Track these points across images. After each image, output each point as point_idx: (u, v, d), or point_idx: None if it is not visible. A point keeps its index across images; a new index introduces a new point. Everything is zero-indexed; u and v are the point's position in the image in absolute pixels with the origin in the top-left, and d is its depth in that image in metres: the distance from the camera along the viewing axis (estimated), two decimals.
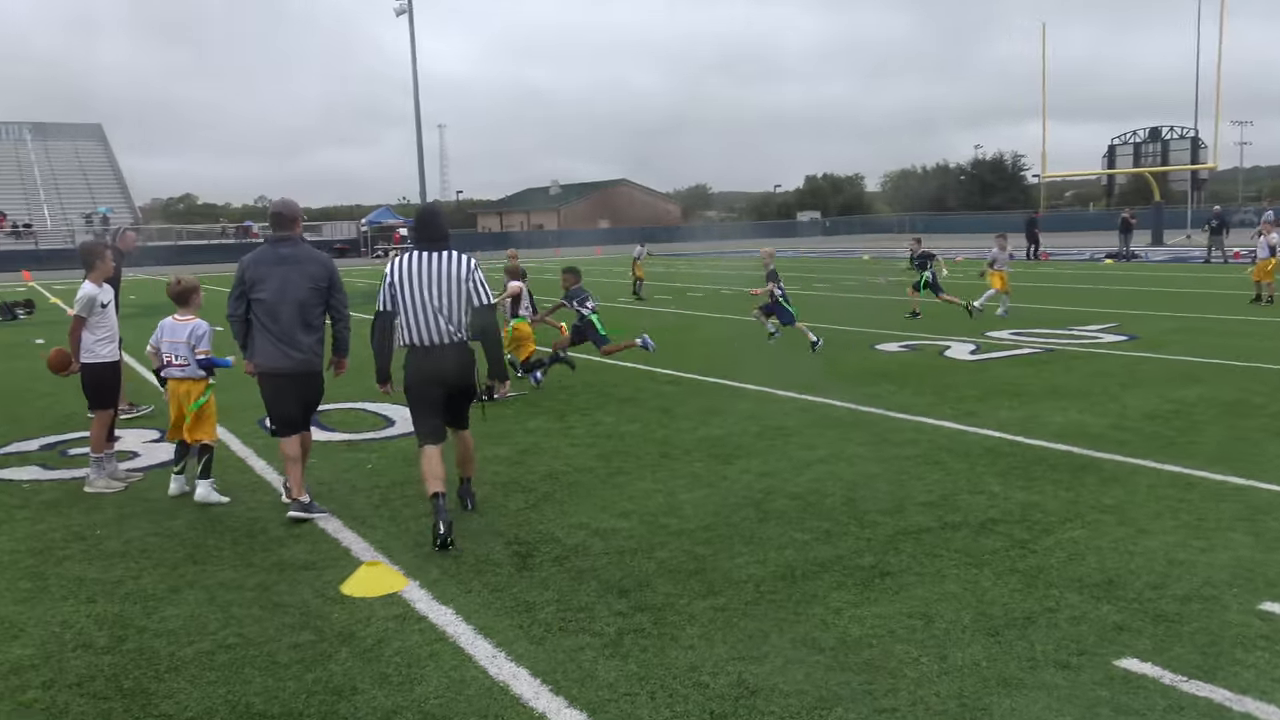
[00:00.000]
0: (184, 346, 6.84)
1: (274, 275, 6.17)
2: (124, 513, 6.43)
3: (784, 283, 14.52)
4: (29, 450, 8.35)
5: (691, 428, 8.46)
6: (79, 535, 5.96)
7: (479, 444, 7.92)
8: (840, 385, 10.29)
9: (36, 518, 6.36)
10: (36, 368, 12.90)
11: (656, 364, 12.10)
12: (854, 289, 24.43)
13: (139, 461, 7.84)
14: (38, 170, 67.08)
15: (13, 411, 10.07)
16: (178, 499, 6.71)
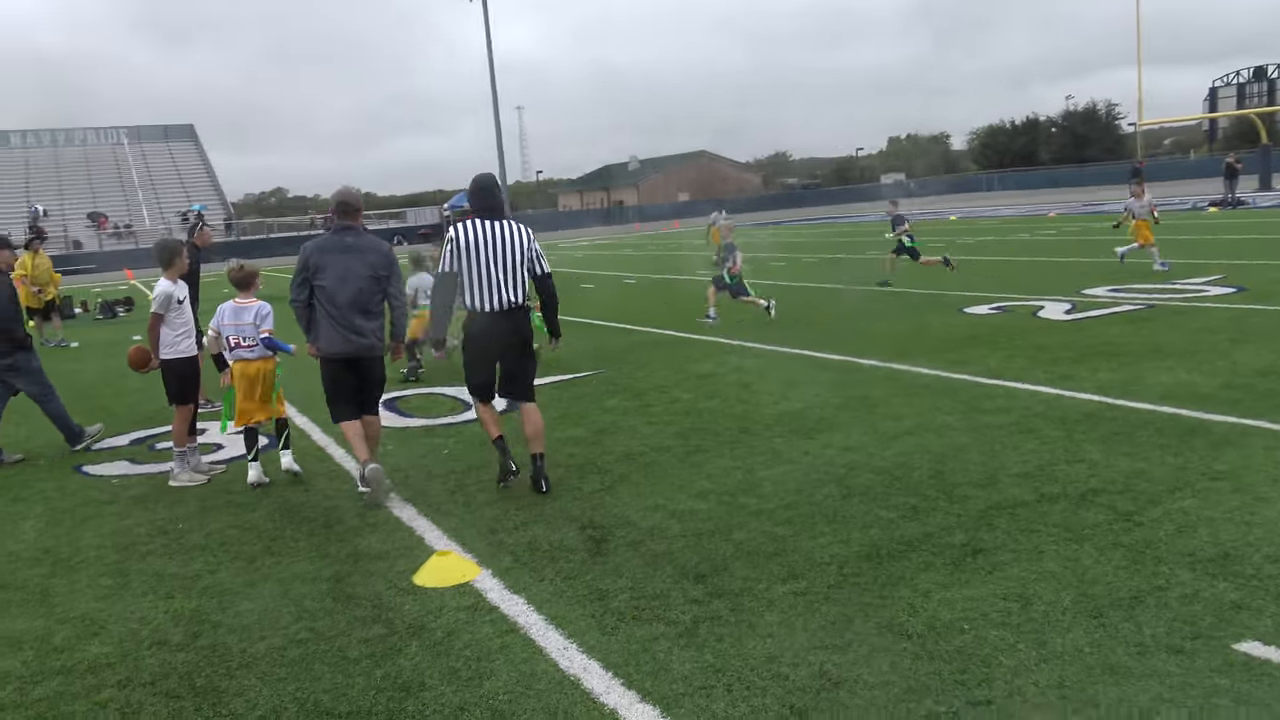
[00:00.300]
0: (250, 328, 6.95)
1: (337, 263, 6.35)
2: (206, 505, 6.49)
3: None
4: (119, 445, 8.54)
5: (772, 402, 8.21)
6: (162, 530, 6.03)
7: (557, 425, 7.85)
8: (927, 351, 9.91)
9: (124, 513, 6.46)
10: (111, 366, 13.26)
11: (737, 337, 11.84)
12: (939, 250, 23.66)
13: (222, 454, 7.94)
14: (135, 172, 69.48)
15: (107, 406, 10.33)
16: (257, 489, 6.75)
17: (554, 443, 7.35)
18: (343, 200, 6.50)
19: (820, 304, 14.76)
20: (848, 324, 12.33)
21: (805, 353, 10.42)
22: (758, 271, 21.42)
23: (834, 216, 56.04)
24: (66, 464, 7.98)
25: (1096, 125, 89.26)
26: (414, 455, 7.38)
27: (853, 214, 57.96)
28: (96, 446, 8.52)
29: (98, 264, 52.66)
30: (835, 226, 43.33)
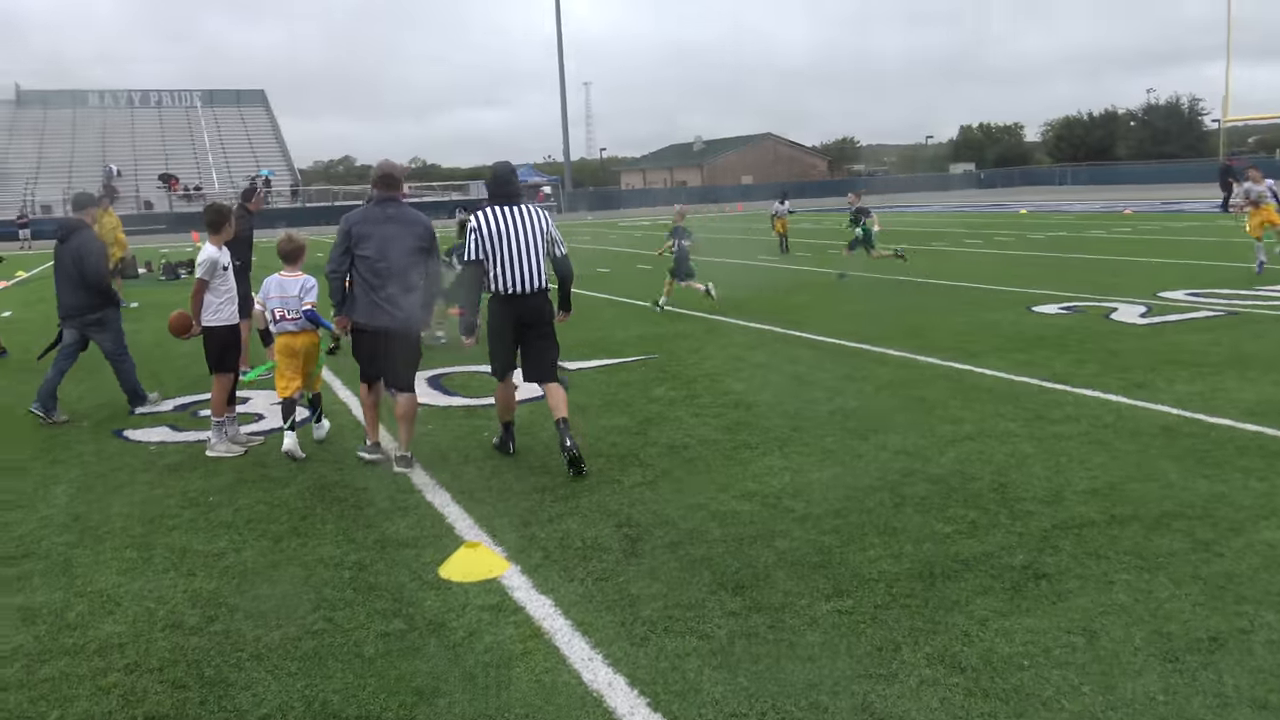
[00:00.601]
0: (295, 301, 6.94)
1: (378, 234, 6.30)
2: (240, 478, 6.36)
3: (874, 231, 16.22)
4: (162, 411, 8.49)
5: (826, 397, 7.88)
6: (193, 501, 5.91)
7: (601, 413, 7.61)
8: (991, 351, 9.48)
9: (156, 482, 6.36)
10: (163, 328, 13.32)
11: (794, 327, 11.49)
12: (1008, 245, 22.98)
13: (263, 424, 7.83)
14: (206, 136, 70.61)
15: (154, 370, 10.32)
16: (292, 463, 6.61)
17: (597, 431, 7.12)
18: (385, 173, 6.47)
19: (882, 297, 14.31)
20: (909, 318, 11.90)
21: (864, 347, 10.04)
22: (819, 259, 20.96)
23: (900, 205, 54.98)
24: (107, 427, 7.94)
25: (1178, 120, 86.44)
26: (453, 436, 7.19)
27: (919, 203, 56.83)
28: (140, 410, 8.48)
29: (167, 225, 53.65)
30: (901, 216, 42.45)
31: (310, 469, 6.51)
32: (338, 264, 6.34)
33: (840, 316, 12.24)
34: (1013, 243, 23.82)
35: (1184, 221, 29.58)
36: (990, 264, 18.53)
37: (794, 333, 11.13)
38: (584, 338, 11.35)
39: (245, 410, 8.28)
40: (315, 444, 7.14)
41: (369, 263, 6.26)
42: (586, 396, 8.25)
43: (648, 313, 13.44)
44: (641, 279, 18.56)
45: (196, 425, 7.85)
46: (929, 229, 31.25)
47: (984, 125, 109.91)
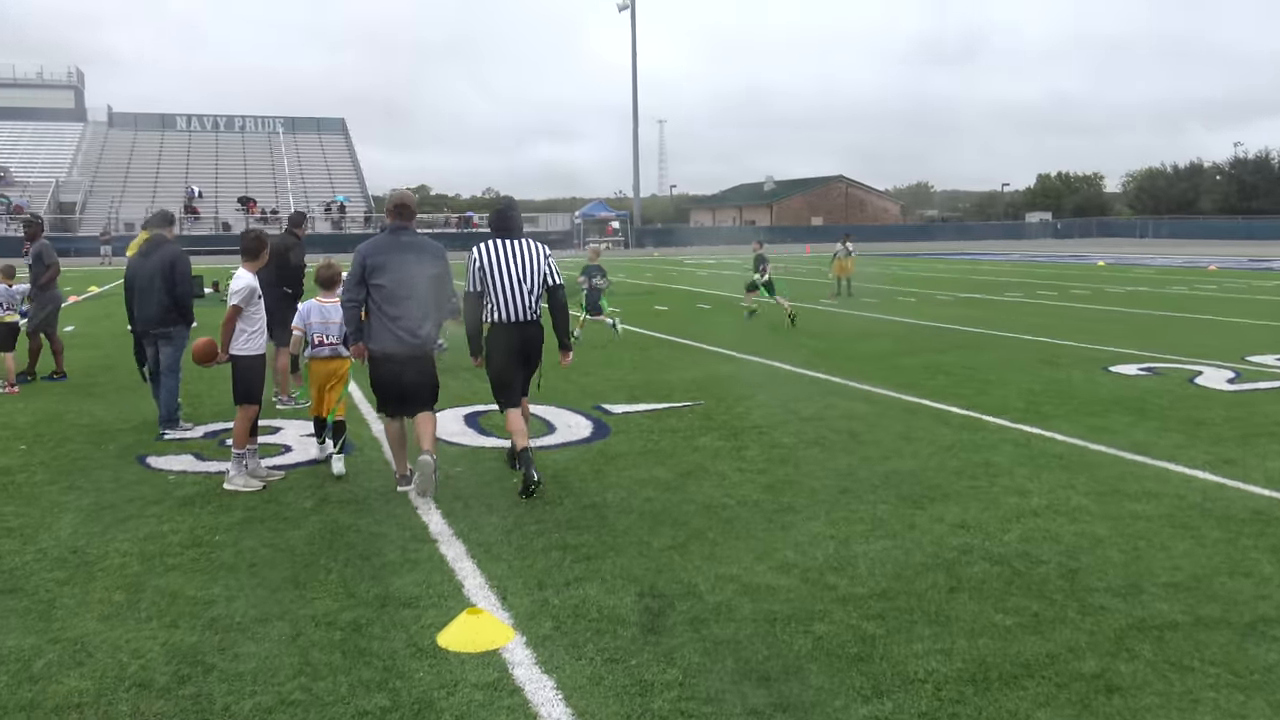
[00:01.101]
0: (336, 327, 7.03)
1: (394, 263, 6.31)
2: (251, 516, 6.04)
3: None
4: (190, 437, 8.26)
5: (881, 457, 7.34)
6: (197, 540, 5.59)
7: (639, 462, 7.17)
8: (1064, 414, 8.84)
9: (165, 515, 6.07)
10: None
11: (851, 377, 10.95)
12: (1085, 298, 22.09)
13: (289, 457, 7.54)
14: (286, 161, 72.25)
15: (196, 392, 10.15)
16: (306, 504, 6.27)
17: (632, 484, 6.67)
18: (399, 202, 6.53)
19: (948, 348, 13.67)
20: (976, 373, 11.28)
21: (925, 403, 9.46)
22: (884, 306, 20.34)
23: (974, 253, 53.88)
24: (133, 452, 7.72)
25: (1268, 175, 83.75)
26: (479, 482, 6.81)
27: (993, 251, 55.64)
28: (169, 435, 8.26)
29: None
30: (974, 263, 41.49)
31: (325, 510, 6.16)
32: (353, 293, 6.34)
33: (900, 369, 11.65)
34: (1089, 296, 22.92)
35: (1273, 280, 28.30)
36: (1065, 317, 17.75)
37: (851, 383, 10.58)
38: (633, 379, 10.94)
39: (274, 441, 8.01)
40: (336, 478, 6.84)
41: (385, 292, 6.26)
42: (627, 444, 7.82)
43: (704, 355, 12.99)
44: (700, 318, 18.13)
45: (222, 455, 7.59)
46: (1002, 278, 30.35)
47: (1062, 174, 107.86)
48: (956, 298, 22.63)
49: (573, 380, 10.85)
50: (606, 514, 6.00)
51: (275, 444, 7.93)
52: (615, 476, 6.86)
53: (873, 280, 29.29)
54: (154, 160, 70.08)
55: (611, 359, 12.58)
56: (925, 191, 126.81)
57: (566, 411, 9.11)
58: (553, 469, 7.06)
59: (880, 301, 21.74)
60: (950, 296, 23.01)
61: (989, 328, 16.06)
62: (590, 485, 6.65)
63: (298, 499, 6.41)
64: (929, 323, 16.99)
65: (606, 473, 6.97)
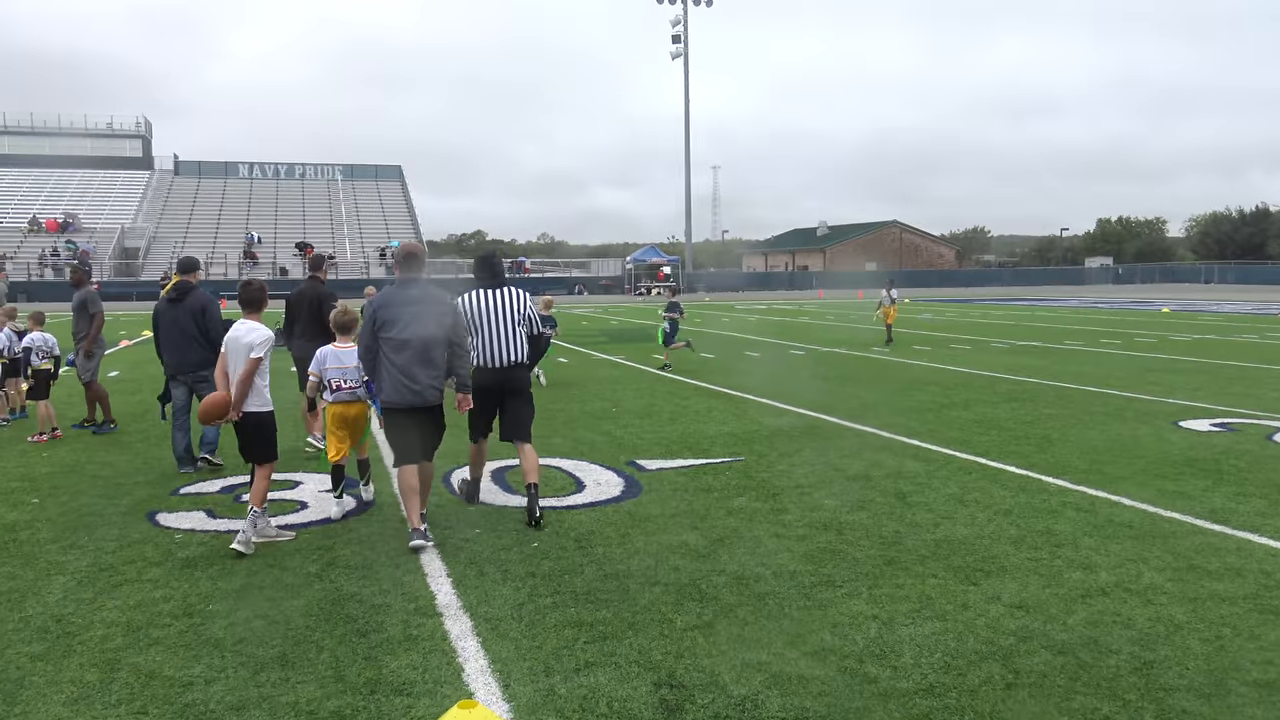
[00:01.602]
0: (354, 371, 7.06)
1: (404, 315, 6.34)
2: (251, 583, 5.66)
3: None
4: (207, 492, 7.95)
5: (931, 523, 6.79)
6: (188, 610, 5.22)
7: (670, 526, 6.68)
8: (1131, 475, 8.19)
9: (162, 580, 5.72)
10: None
11: (900, 432, 10.38)
12: (1150, 346, 21.20)
13: (303, 515, 7.18)
14: (344, 207, 73.42)
15: (221, 442, 9.89)
16: (310, 570, 5.88)
17: (660, 550, 6.20)
18: (408, 253, 6.58)
19: (1003, 400, 13.02)
20: (1034, 428, 10.64)
21: (980, 460, 8.87)
22: (936, 354, 19.67)
23: (1032, 299, 52.72)
24: (145, 508, 7.41)
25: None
26: (498, 545, 6.37)
27: (1052, 297, 54.40)
28: (183, 490, 7.97)
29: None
30: (1032, 309, 40.48)
31: (330, 576, 5.77)
32: (368, 346, 6.42)
33: (952, 422, 11.04)
34: (1155, 344, 22.01)
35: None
36: (1130, 367, 16.95)
37: (900, 439, 10.01)
38: (670, 432, 10.48)
39: (291, 496, 7.68)
40: (353, 520, 6.46)
41: (394, 344, 6.31)
42: (659, 505, 7.35)
43: (747, 405, 12.49)
44: (746, 368, 17.63)
45: (235, 512, 7.26)
46: (1060, 324, 29.42)
47: (1123, 219, 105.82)
48: (1013, 345, 21.87)
49: (607, 432, 10.43)
50: (629, 585, 5.53)
51: (292, 500, 7.59)
52: (643, 541, 6.39)
53: (925, 327, 28.57)
54: (216, 207, 71.63)
55: (651, 409, 12.15)
56: (982, 237, 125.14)
57: (597, 467, 8.68)
58: (577, 531, 6.62)
59: (932, 349, 21.06)
60: (1006, 344, 22.25)
61: (1047, 378, 15.35)
62: (615, 551, 6.19)
63: (304, 562, 6.03)
64: (983, 372, 16.31)
65: (633, 537, 6.50)
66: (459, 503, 7.46)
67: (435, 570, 5.84)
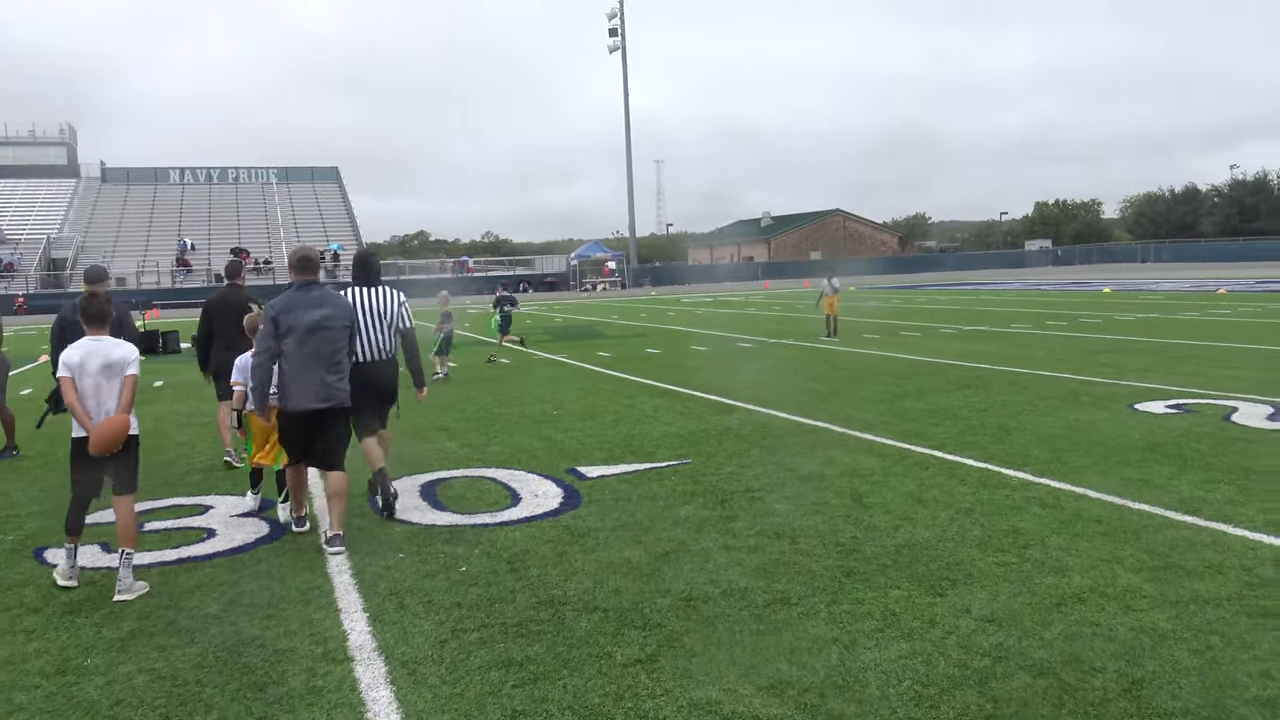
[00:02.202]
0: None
1: (305, 319, 6.28)
2: (140, 629, 5.04)
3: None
4: (104, 521, 7.26)
5: (890, 525, 6.35)
6: (63, 666, 4.59)
7: (611, 541, 6.13)
8: (1094, 464, 7.85)
9: (38, 630, 5.07)
10: (178, 411, 12.21)
11: (853, 426, 9.96)
12: (1096, 327, 21.13)
13: (209, 545, 6.53)
14: (279, 211, 71.75)
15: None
16: (207, 612, 5.26)
17: (600, 570, 5.67)
18: (304, 256, 6.49)
19: (955, 387, 12.68)
20: (989, 417, 10.29)
21: (937, 454, 8.47)
22: (886, 342, 19.37)
23: (976, 283, 53.03)
24: (33, 544, 6.72)
25: (1267, 196, 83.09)
26: (422, 571, 5.80)
27: (995, 280, 54.78)
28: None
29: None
30: (977, 293, 40.59)
31: (231, 617, 5.16)
32: (265, 350, 6.26)
33: (905, 414, 10.66)
34: (1101, 325, 21.96)
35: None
36: (1079, 350, 16.77)
37: (853, 433, 9.58)
38: (614, 435, 9.96)
39: (199, 524, 7.02)
40: (264, 548, 5.84)
41: (295, 347, 6.24)
42: (600, 517, 6.82)
43: (694, 402, 12.00)
44: (691, 362, 17.15)
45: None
46: (1006, 308, 29.39)
47: (1060, 201, 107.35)
48: (961, 331, 21.68)
49: (547, 437, 9.88)
50: (565, 613, 5.01)
51: (199, 527, 6.94)
52: (581, 560, 5.86)
53: (873, 315, 28.37)
54: (146, 215, 69.54)
55: (594, 410, 11.61)
56: (923, 223, 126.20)
57: (535, 477, 8.13)
58: (510, 551, 6.07)
59: (881, 337, 20.77)
60: (954, 329, 22.06)
61: (999, 363, 15.08)
62: (551, 573, 5.65)
63: (203, 600, 5.41)
64: (935, 359, 16.01)
65: (571, 555, 5.98)
66: (382, 523, 6.87)
67: (350, 604, 5.27)
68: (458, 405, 12.42)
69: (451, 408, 12.19)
